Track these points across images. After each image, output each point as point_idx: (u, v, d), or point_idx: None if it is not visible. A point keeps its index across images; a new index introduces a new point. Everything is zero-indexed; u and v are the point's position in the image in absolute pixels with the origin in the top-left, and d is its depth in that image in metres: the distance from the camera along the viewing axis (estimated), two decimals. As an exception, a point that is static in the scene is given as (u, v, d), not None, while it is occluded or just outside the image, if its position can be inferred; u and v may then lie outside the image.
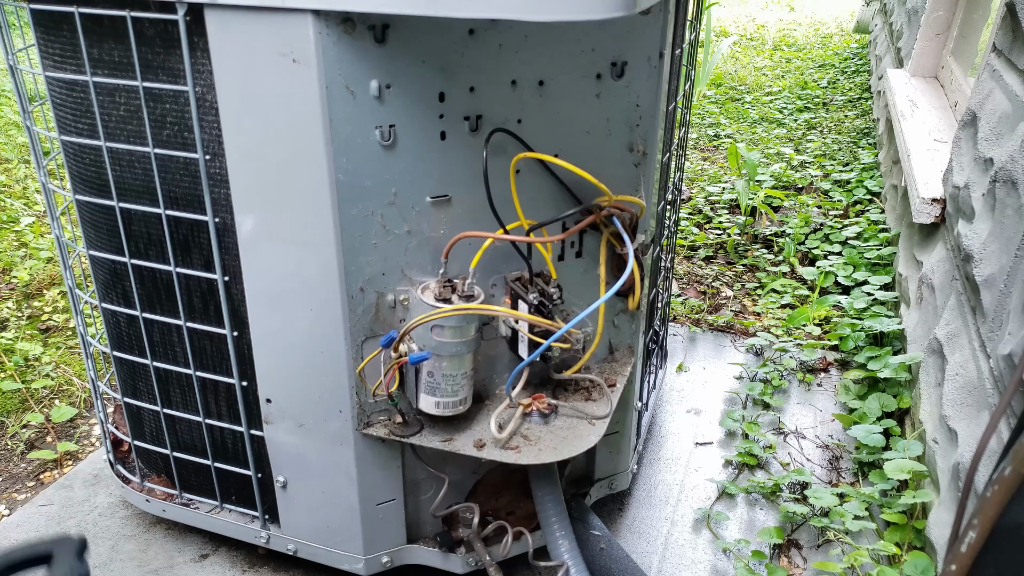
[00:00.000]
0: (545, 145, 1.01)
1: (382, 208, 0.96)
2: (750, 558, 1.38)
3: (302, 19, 0.83)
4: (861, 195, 2.98)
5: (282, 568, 1.35)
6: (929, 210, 1.95)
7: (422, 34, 0.88)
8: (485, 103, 0.95)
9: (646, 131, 1.07)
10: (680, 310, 2.29)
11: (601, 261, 1.11)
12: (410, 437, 1.05)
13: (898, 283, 2.21)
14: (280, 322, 1.04)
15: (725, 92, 4.63)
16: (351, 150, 0.91)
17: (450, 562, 1.20)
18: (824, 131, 3.85)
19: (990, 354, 1.27)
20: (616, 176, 1.08)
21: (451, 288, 1.00)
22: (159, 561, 1.36)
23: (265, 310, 1.04)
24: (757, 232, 2.76)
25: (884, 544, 1.36)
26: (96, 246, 1.18)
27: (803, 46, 5.94)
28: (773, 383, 1.92)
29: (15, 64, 1.14)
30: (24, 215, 2.80)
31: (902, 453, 1.51)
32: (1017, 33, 1.60)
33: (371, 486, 1.12)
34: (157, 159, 1.02)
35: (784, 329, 2.16)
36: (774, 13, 7.52)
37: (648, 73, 1.04)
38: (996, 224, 1.40)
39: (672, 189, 1.51)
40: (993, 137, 1.59)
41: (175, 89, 0.96)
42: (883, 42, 4.40)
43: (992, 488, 0.77)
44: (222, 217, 1.02)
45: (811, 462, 1.67)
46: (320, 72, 0.86)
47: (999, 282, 1.30)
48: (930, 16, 3.03)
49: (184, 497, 1.30)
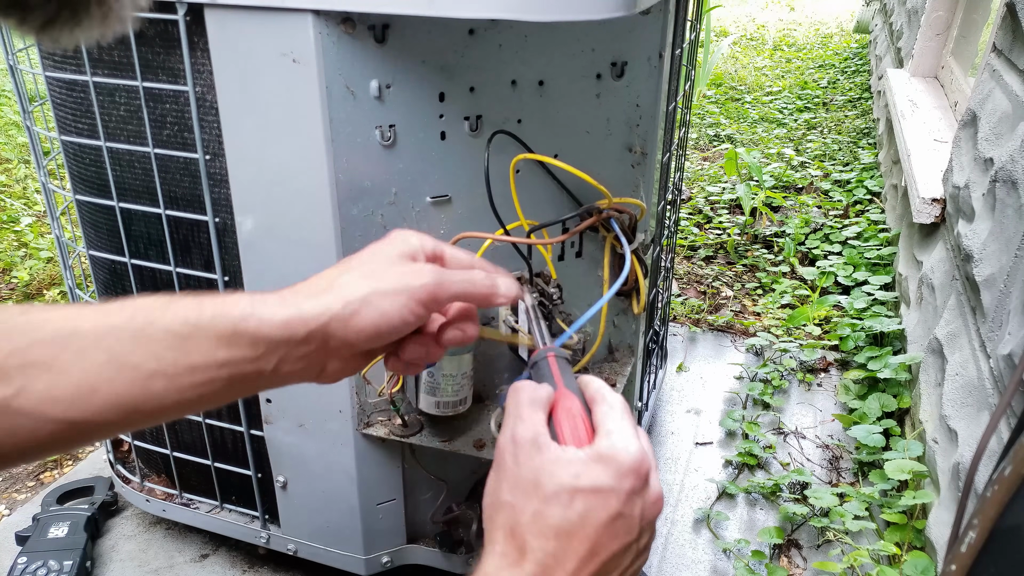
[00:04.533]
0: (545, 145, 1.01)
1: (382, 208, 0.96)
2: (750, 558, 1.38)
3: (302, 19, 0.83)
4: (861, 195, 2.98)
5: (282, 568, 1.35)
6: (929, 210, 1.95)
7: (422, 34, 0.88)
8: (485, 103, 0.95)
9: (646, 131, 1.07)
10: (680, 310, 2.29)
11: (605, 263, 1.11)
12: (410, 437, 1.05)
13: (898, 283, 2.21)
14: (280, 322, 1.04)
15: (725, 92, 4.63)
16: (351, 150, 0.91)
17: (450, 562, 1.20)
18: (824, 131, 3.85)
19: (990, 354, 1.27)
20: (616, 176, 1.08)
21: (451, 288, 1.00)
22: (159, 561, 1.37)
23: (265, 310, 1.04)
24: (757, 232, 2.76)
25: (884, 544, 1.36)
26: (96, 246, 1.18)
27: (803, 46, 5.94)
28: (773, 383, 1.92)
29: (15, 64, 1.14)
30: (24, 215, 2.80)
31: (902, 453, 1.51)
32: (1017, 33, 1.60)
33: (371, 486, 1.12)
34: (157, 159, 1.02)
35: (784, 329, 2.16)
36: (774, 13, 7.52)
37: (648, 73, 1.04)
38: (996, 224, 1.40)
39: (672, 189, 1.51)
40: (993, 137, 1.59)
41: (175, 89, 0.96)
42: (883, 42, 4.40)
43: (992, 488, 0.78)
44: (222, 217, 1.02)
45: (811, 462, 1.67)
46: (320, 72, 0.86)
47: (999, 282, 1.30)
48: (930, 16, 3.03)
49: (184, 497, 1.30)
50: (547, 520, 0.51)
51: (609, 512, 0.51)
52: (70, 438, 0.50)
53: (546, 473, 0.52)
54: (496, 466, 0.55)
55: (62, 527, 1.34)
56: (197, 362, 0.52)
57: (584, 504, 0.51)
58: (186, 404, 0.53)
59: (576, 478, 0.51)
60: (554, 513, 0.51)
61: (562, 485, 0.51)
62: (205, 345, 0.52)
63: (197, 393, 0.52)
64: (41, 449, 0.50)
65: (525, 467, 0.53)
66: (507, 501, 0.53)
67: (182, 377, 0.52)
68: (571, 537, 0.51)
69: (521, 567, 0.51)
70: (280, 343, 0.54)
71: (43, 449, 0.50)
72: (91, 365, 0.50)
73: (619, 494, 0.52)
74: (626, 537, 0.52)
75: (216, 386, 0.53)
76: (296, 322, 0.54)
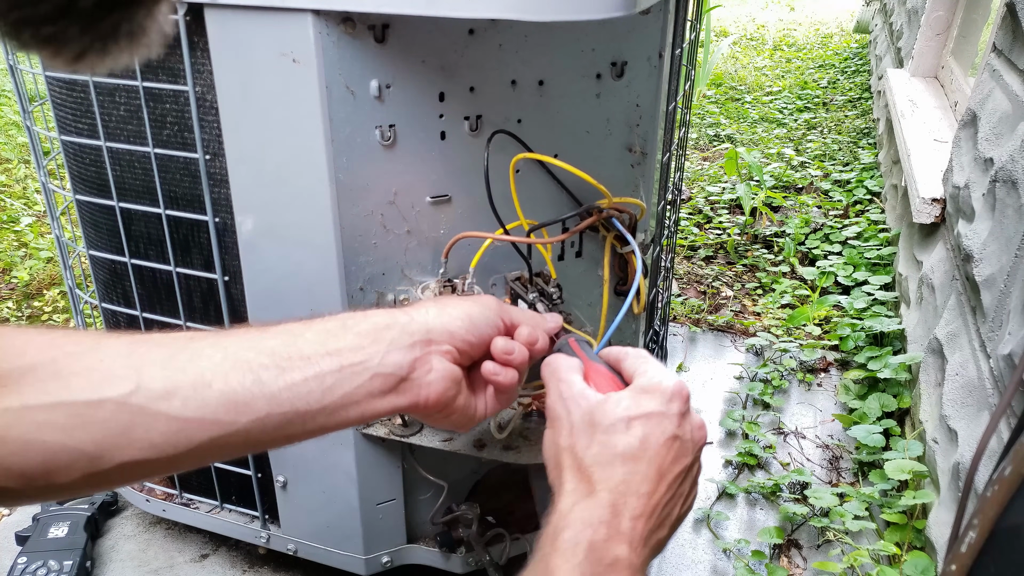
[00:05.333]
0: (545, 145, 1.01)
1: (382, 208, 0.96)
2: (750, 558, 1.38)
3: (302, 19, 0.83)
4: (861, 195, 2.98)
5: (282, 568, 1.35)
6: (929, 210, 1.95)
7: (422, 34, 0.88)
8: (485, 103, 0.95)
9: (646, 131, 1.07)
10: (680, 310, 2.29)
11: (605, 263, 1.11)
12: (410, 437, 1.05)
13: (898, 283, 2.21)
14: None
15: (725, 92, 4.63)
16: (351, 150, 0.91)
17: (450, 562, 1.20)
18: (824, 131, 3.85)
19: (990, 354, 1.27)
20: (616, 176, 1.08)
21: (451, 288, 1.00)
22: (159, 561, 1.36)
23: (265, 310, 1.04)
24: (757, 232, 2.76)
25: (884, 544, 1.36)
26: (96, 246, 1.18)
27: (803, 46, 5.94)
28: (773, 383, 1.92)
29: (15, 64, 1.14)
30: (24, 215, 2.80)
31: (902, 453, 1.51)
32: (1017, 33, 1.60)
33: (371, 486, 1.12)
34: (157, 159, 1.02)
35: (784, 329, 2.16)
36: (774, 13, 7.52)
37: (648, 73, 1.04)
38: (996, 224, 1.40)
39: (672, 189, 1.51)
40: (993, 137, 1.59)
41: (175, 89, 0.96)
42: (883, 42, 4.40)
43: (992, 488, 0.78)
44: (222, 217, 1.02)
45: (811, 462, 1.67)
46: (320, 72, 0.86)
47: (999, 282, 1.30)
48: (930, 16, 3.03)
49: (184, 497, 1.30)
50: (611, 449, 0.54)
51: (665, 433, 0.55)
52: (185, 445, 0.51)
53: (599, 412, 0.55)
54: (550, 423, 0.59)
55: (62, 527, 1.34)
56: (308, 352, 0.55)
57: (642, 428, 0.54)
58: (297, 399, 0.55)
59: (628, 409, 0.55)
60: (616, 441, 0.54)
61: (617, 416, 0.55)
62: (314, 337, 0.56)
63: (307, 388, 0.55)
64: (155, 450, 0.50)
65: (577, 414, 0.56)
66: (567, 445, 0.56)
67: (294, 369, 0.54)
68: (636, 460, 0.53)
69: (595, 497, 0.52)
70: (383, 329, 0.58)
71: (158, 451, 0.50)
72: (207, 362, 0.52)
73: (670, 417, 0.55)
74: (684, 459, 0.55)
75: (327, 381, 0.55)
76: (398, 313, 0.61)
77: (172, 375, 0.50)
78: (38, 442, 0.46)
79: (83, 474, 0.48)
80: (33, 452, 0.46)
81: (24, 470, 0.46)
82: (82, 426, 0.47)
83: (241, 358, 0.53)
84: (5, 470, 0.46)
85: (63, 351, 0.49)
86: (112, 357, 0.50)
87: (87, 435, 0.47)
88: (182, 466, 0.53)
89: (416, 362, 0.59)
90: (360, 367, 0.56)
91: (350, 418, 0.58)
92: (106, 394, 0.48)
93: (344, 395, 0.56)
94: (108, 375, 0.49)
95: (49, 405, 0.47)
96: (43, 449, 0.46)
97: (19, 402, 0.46)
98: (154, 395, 0.49)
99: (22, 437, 0.46)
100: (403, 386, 0.59)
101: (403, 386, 0.59)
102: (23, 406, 0.46)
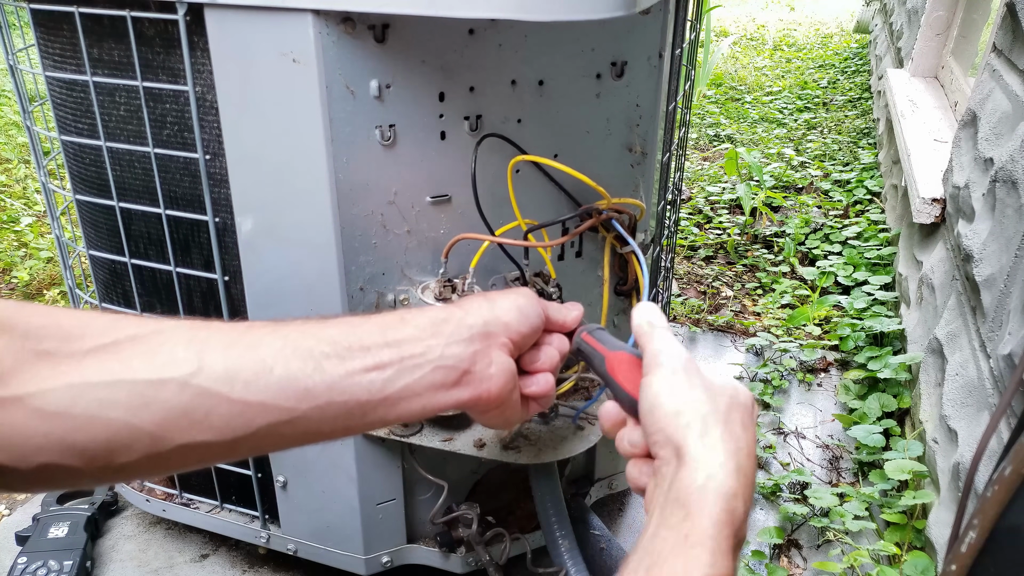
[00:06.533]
0: (545, 145, 1.01)
1: (382, 208, 0.96)
2: (750, 558, 1.38)
3: (302, 19, 0.83)
4: (861, 195, 2.98)
5: (282, 568, 1.35)
6: (929, 210, 1.95)
7: (422, 34, 0.88)
8: (485, 103, 0.95)
9: (646, 131, 1.07)
10: (680, 310, 2.29)
11: (605, 263, 1.11)
12: (410, 437, 1.05)
13: (898, 283, 2.21)
14: (280, 322, 1.04)
15: (725, 92, 4.63)
16: (351, 150, 0.91)
17: (450, 562, 1.20)
18: (824, 131, 3.85)
19: (990, 354, 1.27)
20: (616, 176, 1.08)
21: (451, 288, 1.00)
22: (159, 561, 1.36)
23: (265, 310, 1.04)
24: (757, 232, 2.76)
25: (884, 544, 1.36)
26: (96, 246, 1.18)
27: (803, 46, 5.94)
28: (773, 383, 1.92)
29: (15, 64, 1.14)
30: (24, 215, 2.80)
31: (902, 453, 1.51)
32: (1017, 33, 1.60)
33: (371, 486, 1.12)
34: (157, 159, 1.02)
35: (784, 329, 2.16)
36: (774, 13, 7.52)
37: (648, 73, 1.04)
38: (996, 224, 1.40)
39: (672, 189, 1.51)
40: (993, 137, 1.59)
41: (175, 89, 0.96)
42: (883, 42, 4.40)
43: (992, 488, 0.78)
44: (222, 217, 1.02)
45: (811, 462, 1.67)
46: (320, 72, 0.86)
47: (999, 282, 1.30)
48: (930, 16, 3.03)
49: (184, 497, 1.30)
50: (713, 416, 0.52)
51: (746, 404, 0.55)
52: (244, 430, 0.51)
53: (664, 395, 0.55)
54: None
55: (62, 527, 1.34)
56: (368, 342, 0.55)
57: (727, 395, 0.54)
58: (358, 388, 0.54)
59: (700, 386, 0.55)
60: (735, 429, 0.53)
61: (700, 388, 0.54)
62: (374, 328, 0.56)
63: (368, 378, 0.54)
64: (215, 432, 0.50)
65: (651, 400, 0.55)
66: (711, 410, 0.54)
67: (354, 358, 0.54)
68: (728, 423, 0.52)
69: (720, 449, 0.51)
70: (441, 322, 0.59)
71: (218, 434, 0.50)
72: (268, 349, 0.52)
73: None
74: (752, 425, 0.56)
75: (387, 371, 0.55)
76: (453, 308, 0.62)
77: (234, 359, 0.50)
78: (102, 418, 0.46)
79: (144, 455, 0.48)
80: (96, 429, 0.46)
81: (87, 447, 0.46)
82: (144, 405, 0.47)
83: (302, 345, 0.53)
84: (68, 446, 0.45)
85: (124, 333, 0.49)
86: (174, 340, 0.50)
87: (149, 414, 0.47)
88: (240, 452, 0.53)
89: (476, 355, 0.59)
90: (420, 359, 0.56)
91: (412, 411, 0.57)
92: (169, 374, 0.48)
93: (405, 386, 0.56)
94: (170, 356, 0.49)
95: (112, 383, 0.46)
96: (106, 426, 0.46)
97: (81, 379, 0.46)
98: (216, 377, 0.49)
99: (86, 412, 0.45)
100: (466, 379, 0.59)
101: (466, 379, 0.59)
102: (86, 383, 0.46)
